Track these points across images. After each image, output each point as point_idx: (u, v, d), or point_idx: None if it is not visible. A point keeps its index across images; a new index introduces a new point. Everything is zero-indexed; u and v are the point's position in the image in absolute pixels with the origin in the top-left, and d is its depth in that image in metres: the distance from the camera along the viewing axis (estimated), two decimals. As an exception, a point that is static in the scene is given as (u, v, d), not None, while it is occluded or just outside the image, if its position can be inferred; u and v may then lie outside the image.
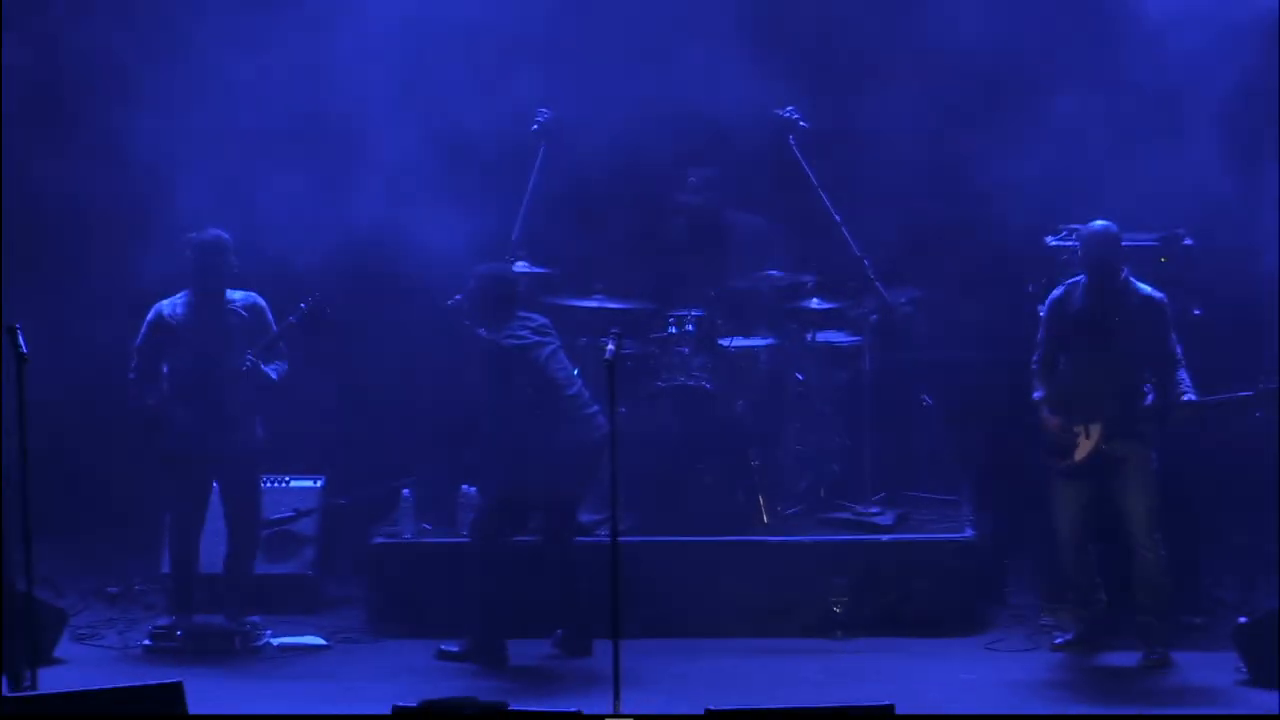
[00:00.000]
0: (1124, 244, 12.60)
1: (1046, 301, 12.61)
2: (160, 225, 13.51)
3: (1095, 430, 12.35)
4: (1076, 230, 12.77)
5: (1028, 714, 11.56)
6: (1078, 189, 13.61)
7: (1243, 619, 12.26)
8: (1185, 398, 12.20)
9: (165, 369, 13.06)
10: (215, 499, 13.24)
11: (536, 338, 12.68)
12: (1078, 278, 12.52)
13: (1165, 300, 12.40)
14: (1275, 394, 12.14)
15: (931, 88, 14.33)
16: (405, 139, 13.83)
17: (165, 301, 13.10)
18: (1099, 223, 12.43)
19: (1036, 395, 12.50)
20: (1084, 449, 12.39)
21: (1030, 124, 13.94)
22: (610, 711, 10.79)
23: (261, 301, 13.16)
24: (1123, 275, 12.38)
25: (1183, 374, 12.28)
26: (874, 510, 13.70)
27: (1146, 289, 12.42)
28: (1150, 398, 12.39)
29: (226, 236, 13.02)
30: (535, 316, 12.83)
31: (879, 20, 14.48)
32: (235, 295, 13.11)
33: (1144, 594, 12.43)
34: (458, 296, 13.30)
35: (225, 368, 12.97)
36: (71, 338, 13.77)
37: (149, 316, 13.07)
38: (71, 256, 14.48)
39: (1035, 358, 12.56)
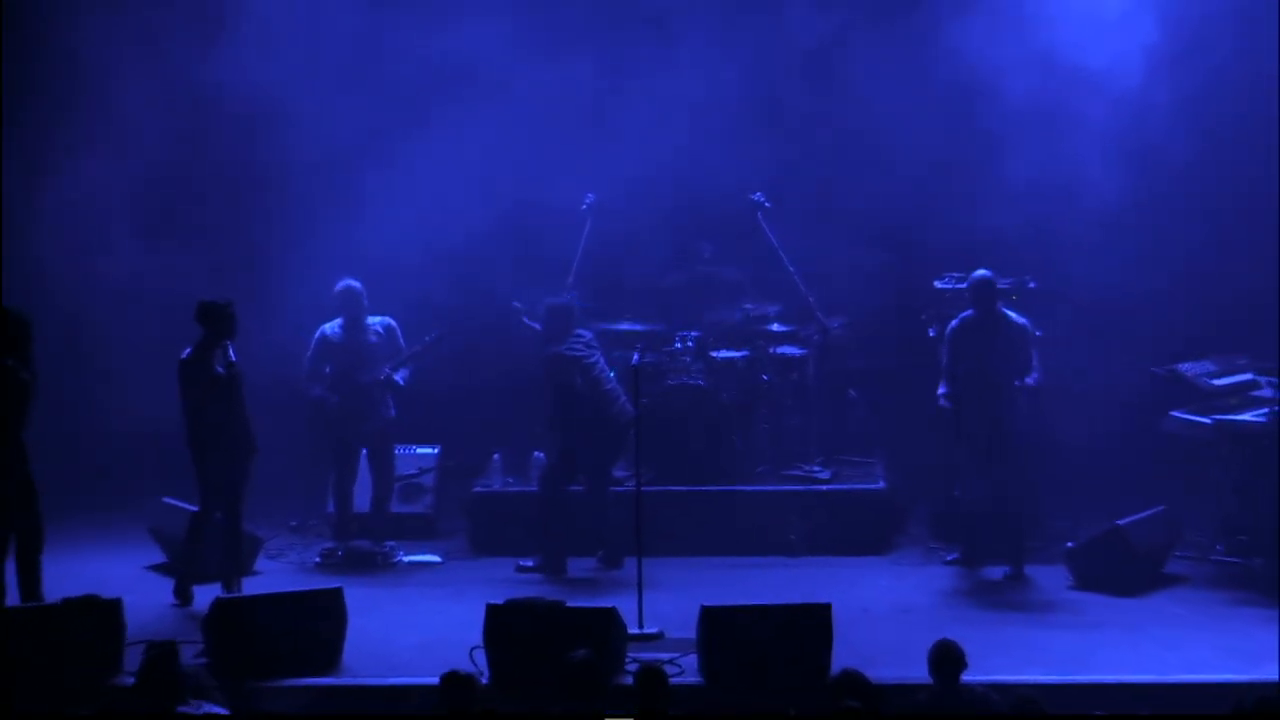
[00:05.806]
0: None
1: (948, 329, 12.52)
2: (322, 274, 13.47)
3: (978, 413, 12.27)
4: (964, 276, 12.70)
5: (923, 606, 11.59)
6: (963, 244, 13.50)
7: (1070, 544, 12.24)
8: (1026, 380, 12.15)
9: (328, 370, 13.04)
10: (364, 461, 13.25)
11: (585, 350, 12.64)
12: (967, 311, 12.47)
13: (1029, 324, 12.36)
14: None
15: (860, 173, 14.24)
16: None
17: (327, 325, 13.04)
18: (981, 271, 12.39)
19: (940, 390, 12.44)
20: (970, 424, 12.32)
21: (935, 195, 13.90)
22: (636, 605, 10.76)
23: (394, 322, 13.08)
24: (999, 307, 12.35)
25: (1034, 374, 12.23)
26: (816, 469, 13.63)
27: (1016, 316, 12.39)
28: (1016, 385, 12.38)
29: (359, 284, 12.90)
30: (585, 333, 12.77)
31: (825, 127, 14.41)
32: (374, 319, 13.03)
33: (1002, 526, 12.36)
34: (516, 304, 13.30)
35: (367, 371, 12.96)
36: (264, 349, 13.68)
37: (316, 335, 13.02)
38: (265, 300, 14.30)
39: (944, 365, 12.49)
